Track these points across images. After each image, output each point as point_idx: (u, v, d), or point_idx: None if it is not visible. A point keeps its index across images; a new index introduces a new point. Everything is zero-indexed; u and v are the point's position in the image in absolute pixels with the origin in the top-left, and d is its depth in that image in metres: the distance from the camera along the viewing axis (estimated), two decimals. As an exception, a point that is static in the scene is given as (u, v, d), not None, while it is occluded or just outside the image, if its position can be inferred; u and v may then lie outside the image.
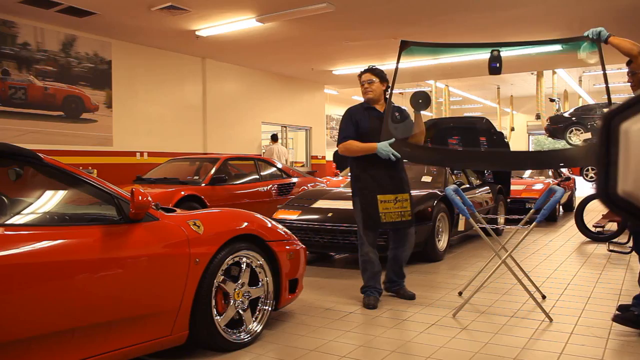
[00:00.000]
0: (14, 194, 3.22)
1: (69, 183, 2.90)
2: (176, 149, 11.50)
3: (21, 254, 2.37)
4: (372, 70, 4.51)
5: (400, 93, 22.90)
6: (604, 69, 3.89)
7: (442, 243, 6.29)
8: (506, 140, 8.55)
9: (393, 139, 4.23)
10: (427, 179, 7.09)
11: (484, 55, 4.23)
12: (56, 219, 2.99)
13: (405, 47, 4.35)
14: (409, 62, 13.27)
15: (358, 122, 4.42)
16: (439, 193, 6.30)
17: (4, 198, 3.18)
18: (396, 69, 4.39)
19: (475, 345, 3.33)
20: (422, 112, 4.42)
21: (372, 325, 3.78)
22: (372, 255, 4.41)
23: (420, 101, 4.27)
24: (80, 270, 2.54)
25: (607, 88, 3.85)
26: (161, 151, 11.26)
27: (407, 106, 4.66)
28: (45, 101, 9.52)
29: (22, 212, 3.07)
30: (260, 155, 12.86)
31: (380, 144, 4.21)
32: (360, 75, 4.54)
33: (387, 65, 13.49)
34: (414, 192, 6.20)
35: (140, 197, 2.69)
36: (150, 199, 2.75)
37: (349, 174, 4.72)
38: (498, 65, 4.05)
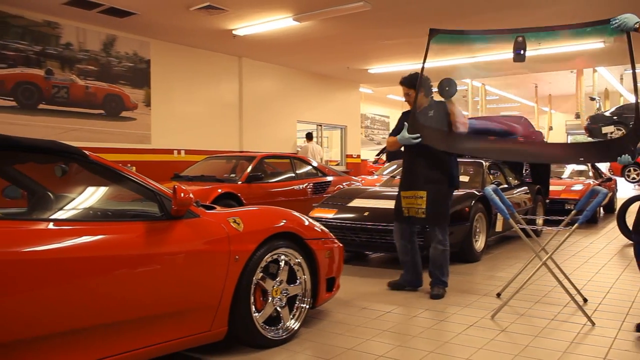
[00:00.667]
0: (60, 189, 3.31)
1: (113, 180, 2.96)
2: (212, 147, 11.63)
3: (67, 249, 2.43)
4: (402, 83, 4.66)
5: (435, 92, 22.72)
6: (632, 59, 3.63)
7: (479, 244, 6.21)
8: (545, 139, 8.39)
9: (406, 126, 4.41)
10: (464, 178, 7.01)
11: (525, 53, 4.15)
12: (100, 214, 3.06)
13: (434, 34, 4.39)
14: (444, 61, 13.17)
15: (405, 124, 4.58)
16: (477, 193, 6.22)
17: (50, 194, 3.28)
18: (425, 56, 4.40)
19: (515, 347, 3.28)
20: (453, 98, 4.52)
21: (410, 325, 3.75)
22: (399, 247, 4.76)
23: (447, 88, 4.35)
24: (124, 265, 2.60)
25: (635, 83, 3.66)
26: (198, 149, 11.41)
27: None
28: (86, 100, 9.74)
29: (67, 208, 3.15)
30: (296, 153, 12.91)
31: (400, 135, 4.45)
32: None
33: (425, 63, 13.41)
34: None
35: (182, 194, 2.73)
36: (192, 196, 2.79)
37: (383, 173, 4.87)
38: (522, 52, 4.00)
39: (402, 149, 4.71)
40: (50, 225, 2.53)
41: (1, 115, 8.61)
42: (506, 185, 7.46)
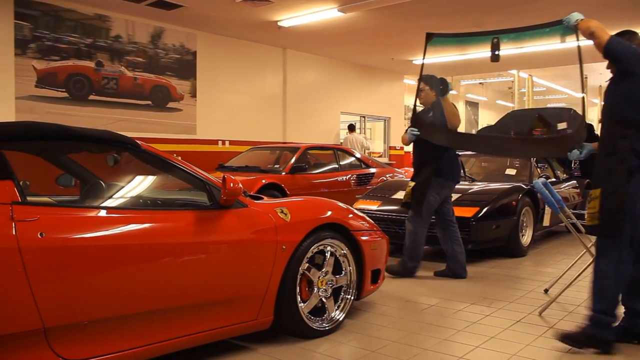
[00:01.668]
0: (112, 178, 3.40)
1: (164, 169, 3.02)
2: (256, 138, 11.73)
3: (118, 236, 2.49)
4: (420, 80, 4.92)
5: (480, 83, 22.30)
6: (579, 57, 3.68)
7: (525, 238, 6.09)
8: (595, 132, 8.16)
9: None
10: (511, 171, 6.89)
11: (576, 43, 4.07)
12: (150, 203, 3.14)
13: (430, 38, 4.55)
14: (486, 53, 12.89)
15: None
16: (524, 186, 6.11)
17: (101, 182, 3.37)
18: (423, 57, 4.64)
19: (564, 345, 3.20)
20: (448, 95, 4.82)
21: (454, 319, 3.72)
22: (439, 236, 5.12)
23: (441, 87, 4.66)
24: (174, 253, 2.65)
25: (582, 80, 3.83)
26: (242, 140, 11.52)
27: (486, 96, 4.73)
28: (134, 91, 9.95)
29: (119, 196, 3.24)
30: (339, 144, 12.90)
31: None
32: None
33: (469, 55, 13.18)
34: (497, 185, 6.08)
35: (231, 184, 2.77)
36: (241, 186, 2.82)
37: None
38: (497, 52, 4.19)
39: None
40: (102, 213, 2.60)
41: (54, 106, 8.87)
42: (554, 179, 7.29)
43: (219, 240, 2.82)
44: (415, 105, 4.87)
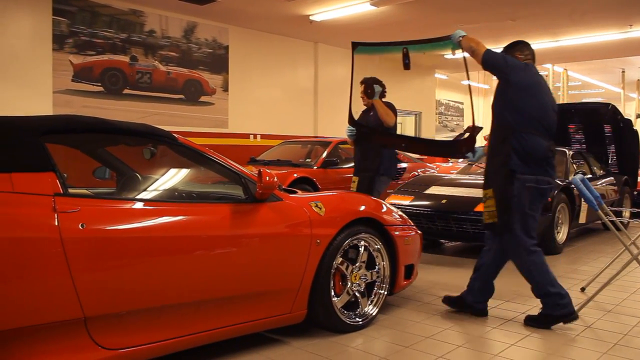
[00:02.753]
0: (147, 171, 3.45)
1: (200, 162, 3.05)
2: (288, 132, 11.76)
3: (157, 227, 2.53)
4: (361, 83, 5.22)
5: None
6: (466, 72, 3.86)
7: (561, 235, 5.98)
8: (634, 127, 7.98)
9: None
10: (546, 167, 6.76)
11: (614, 36, 4.13)
12: (185, 196, 3.17)
13: (356, 47, 4.84)
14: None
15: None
16: (560, 183, 5.99)
17: (137, 175, 3.42)
18: (352, 65, 4.89)
19: (602, 345, 3.14)
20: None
21: (489, 317, 3.67)
22: None
23: (369, 91, 5.05)
24: (211, 246, 2.67)
25: (470, 90, 4.14)
26: (273, 134, 11.56)
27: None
28: (167, 85, 10.06)
29: (155, 189, 3.28)
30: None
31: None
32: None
33: (502, 48, 12.98)
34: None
35: (267, 178, 2.77)
36: (276, 180, 2.83)
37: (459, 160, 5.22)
38: (407, 61, 4.46)
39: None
40: (140, 205, 2.63)
41: (90, 100, 9.04)
42: (591, 176, 7.14)
43: (255, 234, 2.83)
44: (350, 104, 5.04)
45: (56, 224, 2.19)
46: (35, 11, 8.44)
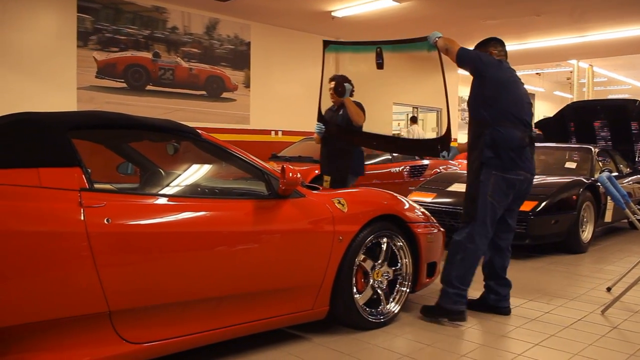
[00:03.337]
0: (171, 167, 3.47)
1: (223, 158, 3.06)
2: (309, 128, 11.70)
3: (181, 223, 2.54)
4: (331, 79, 5.13)
5: (537, 74, 21.66)
6: (442, 72, 3.85)
7: (586, 234, 5.90)
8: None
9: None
10: (571, 165, 6.68)
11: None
12: (208, 191, 3.18)
13: (327, 45, 4.96)
14: (548, 41, 12.50)
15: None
16: (585, 180, 5.91)
17: (160, 170, 3.44)
18: (323, 63, 4.99)
19: (629, 347, 3.09)
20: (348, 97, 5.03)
21: (512, 316, 3.63)
22: None
23: (339, 89, 4.95)
24: (234, 242, 2.68)
25: (445, 90, 3.97)
26: (295, 130, 11.56)
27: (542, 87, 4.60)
28: (190, 81, 10.12)
29: (178, 185, 3.30)
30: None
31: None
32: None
33: (528, 44, 12.83)
34: (556, 179, 5.90)
35: (290, 174, 2.77)
36: (299, 176, 2.82)
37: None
38: (381, 61, 4.53)
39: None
40: (165, 201, 2.65)
41: (113, 96, 9.13)
42: (617, 173, 7.02)
43: (277, 230, 2.84)
44: (320, 102, 5.07)
45: (82, 218, 2.22)
46: (61, 9, 8.54)
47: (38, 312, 2.12)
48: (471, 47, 3.65)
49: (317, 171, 7.17)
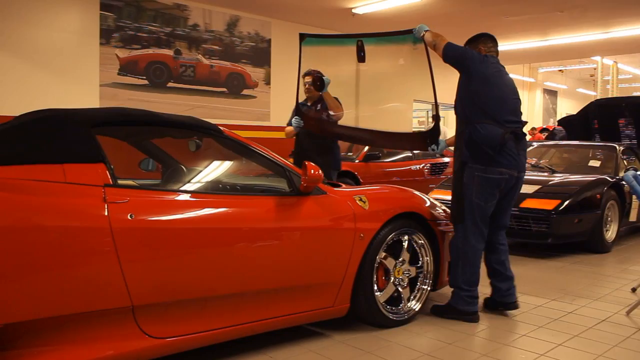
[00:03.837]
0: (193, 163, 3.49)
1: (245, 155, 3.06)
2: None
3: (203, 219, 2.55)
4: (307, 74, 5.10)
5: (560, 70, 21.38)
6: (429, 65, 3.80)
7: (610, 234, 5.81)
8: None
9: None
10: (594, 163, 6.58)
11: None
12: (230, 188, 3.19)
13: (303, 38, 4.83)
14: (571, 38, 12.32)
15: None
16: (609, 179, 5.82)
17: (182, 167, 3.46)
18: (300, 57, 4.92)
19: (655, 347, 3.04)
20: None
21: (535, 315, 3.59)
22: None
23: (318, 83, 4.83)
24: (256, 238, 2.68)
25: (433, 84, 3.89)
26: (314, 127, 11.55)
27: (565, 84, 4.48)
28: (210, 78, 10.16)
29: (200, 181, 3.32)
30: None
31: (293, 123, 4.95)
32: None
33: (551, 40, 12.66)
34: (579, 178, 5.83)
35: (312, 171, 2.77)
36: (321, 173, 2.82)
37: None
38: (362, 54, 4.47)
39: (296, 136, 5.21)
40: (187, 197, 2.65)
41: (135, 93, 9.20)
42: (642, 172, 6.89)
43: (299, 227, 2.83)
44: (297, 95, 5.02)
45: (106, 214, 2.24)
46: (84, 6, 8.63)
47: (64, 305, 2.15)
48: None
49: (337, 168, 7.19)
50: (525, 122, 3.76)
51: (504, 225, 3.63)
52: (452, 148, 3.77)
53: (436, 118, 3.90)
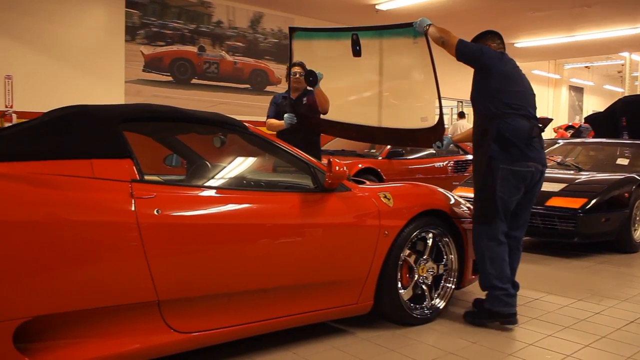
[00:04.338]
0: (218, 159, 3.50)
1: (270, 151, 3.07)
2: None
3: (229, 215, 2.57)
4: (297, 65, 4.93)
5: (586, 67, 21.04)
6: (431, 60, 3.69)
7: (638, 233, 5.70)
8: None
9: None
10: (623, 161, 6.47)
11: None
12: (254, 184, 3.20)
13: (294, 32, 4.75)
14: (599, 33, 12.12)
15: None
16: (638, 177, 5.71)
17: (207, 163, 3.48)
18: (289, 51, 4.83)
19: (687, 349, 2.97)
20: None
21: (560, 315, 3.54)
22: None
23: (310, 79, 4.72)
24: (280, 234, 2.69)
25: (436, 79, 3.83)
26: (337, 124, 11.53)
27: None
28: (234, 75, 10.22)
29: (226, 177, 3.33)
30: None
31: (285, 117, 4.82)
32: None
33: (577, 36, 12.47)
34: (607, 176, 5.72)
35: (337, 168, 2.76)
36: (346, 170, 2.81)
37: None
38: (358, 47, 4.38)
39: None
40: (212, 193, 2.68)
41: (159, 89, 9.30)
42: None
43: (323, 223, 2.83)
44: (289, 92, 4.92)
45: (133, 209, 2.26)
46: (110, 4, 8.74)
47: (91, 299, 2.18)
48: (518, 41, 3.54)
49: (360, 165, 7.18)
50: (551, 119, 3.71)
51: (524, 222, 3.51)
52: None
53: (440, 114, 3.81)
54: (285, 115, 4.81)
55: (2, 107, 7.79)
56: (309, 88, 4.86)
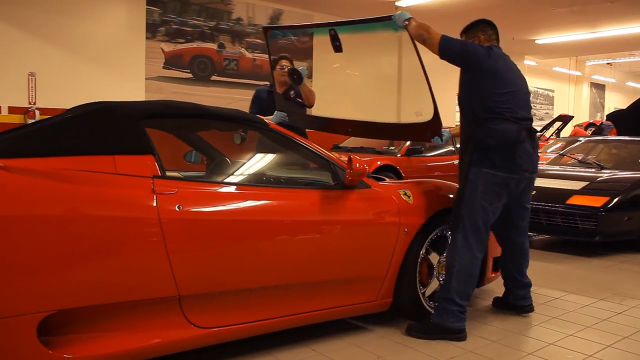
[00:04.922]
0: (238, 156, 3.52)
1: (290, 148, 3.08)
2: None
3: (249, 211, 2.58)
4: (285, 57, 4.99)
5: (608, 64, 20.74)
6: (417, 53, 3.49)
7: (662, 233, 5.61)
8: None
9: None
10: (645, 159, 6.37)
11: None
12: (274, 181, 3.21)
13: (268, 31, 4.68)
14: (622, 29, 11.93)
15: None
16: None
17: (227, 159, 3.50)
18: (268, 50, 4.84)
19: None
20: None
21: (581, 315, 3.50)
22: None
23: (295, 77, 4.68)
24: (300, 230, 2.70)
25: (425, 72, 3.62)
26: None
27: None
28: (253, 72, 10.25)
29: (247, 173, 3.35)
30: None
31: (274, 115, 4.62)
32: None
33: (600, 32, 12.29)
34: (629, 174, 5.65)
35: (357, 165, 2.76)
36: (366, 167, 2.81)
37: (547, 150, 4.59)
38: (338, 43, 4.26)
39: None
40: (233, 189, 2.69)
41: (179, 86, 9.36)
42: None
43: (343, 220, 2.83)
44: (275, 90, 4.86)
45: (155, 205, 2.28)
46: (131, 2, 8.81)
47: (113, 293, 2.21)
48: (539, 37, 3.43)
49: (379, 162, 7.16)
50: (572, 117, 3.62)
51: (523, 226, 3.36)
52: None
53: (435, 108, 3.65)
54: (277, 114, 4.69)
55: (26, 103, 7.90)
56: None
